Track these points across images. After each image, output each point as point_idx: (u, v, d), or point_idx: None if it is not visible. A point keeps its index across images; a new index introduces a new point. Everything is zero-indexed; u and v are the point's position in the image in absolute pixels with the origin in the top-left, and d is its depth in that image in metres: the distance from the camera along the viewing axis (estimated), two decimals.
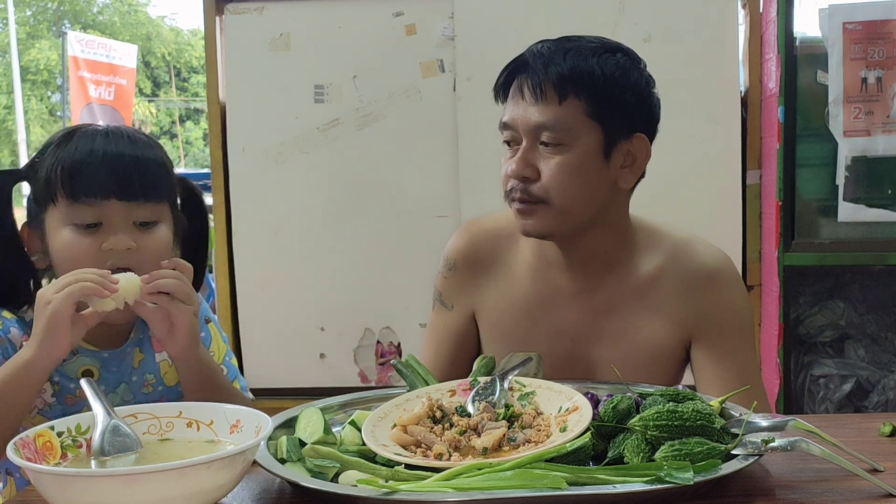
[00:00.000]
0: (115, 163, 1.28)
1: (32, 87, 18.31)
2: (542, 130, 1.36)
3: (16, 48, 15.22)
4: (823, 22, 2.48)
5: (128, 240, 1.28)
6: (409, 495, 0.95)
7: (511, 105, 1.40)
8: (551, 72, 1.35)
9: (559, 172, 1.36)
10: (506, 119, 1.41)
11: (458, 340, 1.56)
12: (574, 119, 1.36)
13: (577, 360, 1.47)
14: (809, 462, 1.10)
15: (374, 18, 2.75)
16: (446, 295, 1.57)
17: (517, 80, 1.40)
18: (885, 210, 2.50)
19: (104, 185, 1.27)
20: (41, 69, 18.05)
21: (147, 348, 1.43)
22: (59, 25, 18.63)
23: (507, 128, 1.41)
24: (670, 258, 1.47)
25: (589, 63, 1.36)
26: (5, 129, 17.72)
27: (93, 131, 1.32)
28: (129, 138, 1.32)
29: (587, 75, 1.36)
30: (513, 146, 1.41)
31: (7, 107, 17.40)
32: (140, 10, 20.54)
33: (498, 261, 1.53)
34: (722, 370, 1.43)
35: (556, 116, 1.35)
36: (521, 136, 1.38)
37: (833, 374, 2.62)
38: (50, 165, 1.29)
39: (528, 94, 1.37)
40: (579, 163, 1.36)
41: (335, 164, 2.79)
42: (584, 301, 1.47)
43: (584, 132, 1.36)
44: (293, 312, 2.83)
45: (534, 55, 1.39)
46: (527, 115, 1.37)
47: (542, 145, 1.37)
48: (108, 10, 20.36)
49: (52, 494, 0.93)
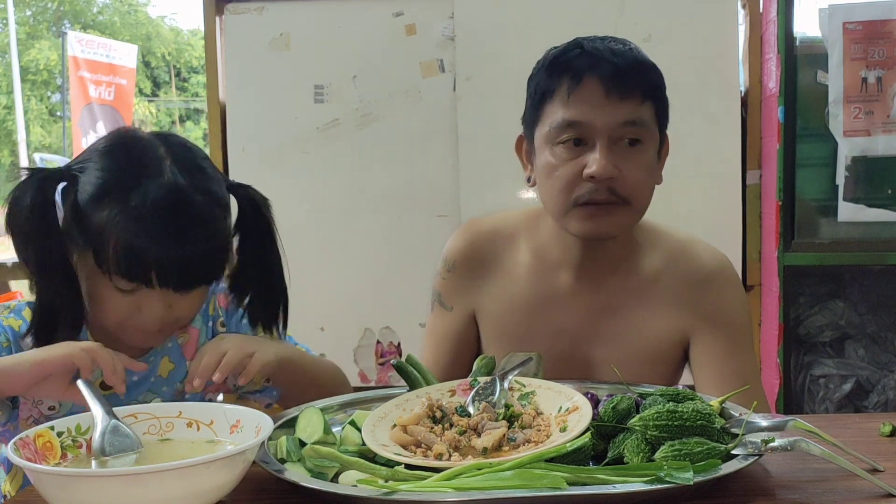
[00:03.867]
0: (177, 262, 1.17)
1: (32, 87, 18.30)
2: (627, 128, 1.34)
3: (16, 48, 15.21)
4: (823, 22, 2.48)
5: (162, 311, 1.22)
6: (409, 495, 0.95)
7: (580, 102, 1.34)
8: (632, 71, 1.34)
9: (641, 171, 1.36)
10: (577, 118, 1.34)
11: (457, 341, 1.55)
12: (648, 117, 1.37)
13: (576, 359, 1.47)
14: (809, 462, 1.10)
15: (374, 18, 2.76)
16: (445, 296, 1.57)
17: (589, 78, 1.33)
18: (885, 210, 2.50)
19: (161, 280, 1.18)
20: (41, 69, 18.04)
21: (176, 357, 1.38)
22: (58, 25, 18.63)
23: (576, 127, 1.34)
24: (670, 259, 1.48)
25: (652, 64, 1.39)
26: (5, 129, 17.70)
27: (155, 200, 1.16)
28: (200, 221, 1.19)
29: (657, 77, 1.39)
30: (578, 146, 1.35)
31: (7, 107, 17.39)
32: (140, 10, 20.53)
33: (497, 261, 1.52)
34: (721, 370, 1.43)
35: (641, 115, 1.35)
36: (597, 136, 1.34)
37: (833, 374, 2.62)
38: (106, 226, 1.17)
39: (613, 92, 1.33)
40: (651, 162, 1.39)
41: (335, 164, 2.79)
42: (585, 301, 1.47)
43: (653, 131, 1.39)
44: (293, 312, 2.82)
45: (602, 53, 1.34)
46: (611, 113, 1.33)
47: (619, 145, 1.35)
48: (108, 10, 20.35)
49: (52, 494, 0.93)
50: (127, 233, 1.16)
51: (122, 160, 1.22)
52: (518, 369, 1.31)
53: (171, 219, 1.17)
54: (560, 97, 1.35)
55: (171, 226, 1.17)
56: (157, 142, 1.25)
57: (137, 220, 1.16)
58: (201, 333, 1.41)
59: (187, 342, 1.39)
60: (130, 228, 1.16)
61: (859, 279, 2.67)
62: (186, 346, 1.39)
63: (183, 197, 1.19)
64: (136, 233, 1.16)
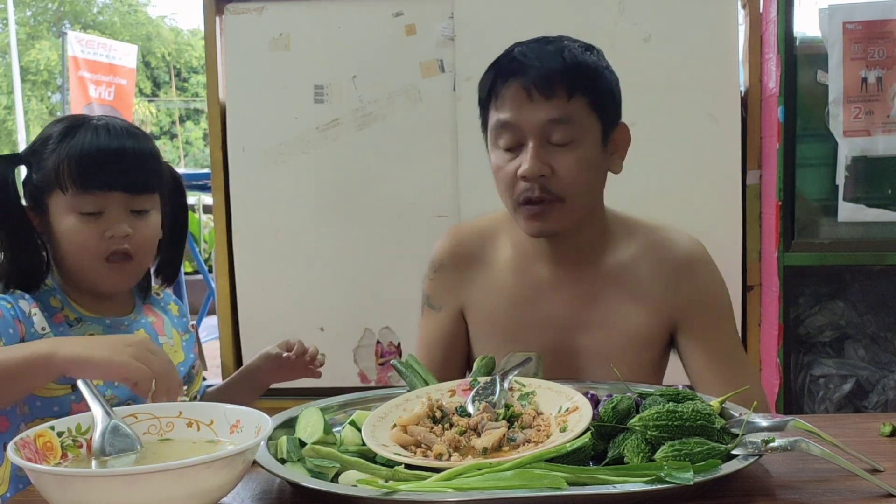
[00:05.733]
0: (120, 158, 1.41)
1: (32, 87, 18.30)
2: (553, 127, 1.37)
3: (16, 48, 15.20)
4: (823, 22, 2.48)
5: (126, 227, 1.42)
6: (409, 495, 0.95)
7: (510, 106, 1.40)
8: (556, 69, 1.37)
9: (575, 168, 1.38)
10: (509, 119, 1.40)
11: (448, 341, 1.58)
12: (581, 114, 1.38)
13: (563, 349, 1.49)
14: (809, 462, 1.10)
15: (374, 18, 2.76)
16: (433, 297, 1.60)
17: (514, 82, 1.39)
18: (885, 210, 2.50)
19: (111, 178, 1.40)
20: (41, 69, 18.03)
21: (150, 329, 1.54)
22: (59, 26, 18.61)
23: (509, 129, 1.40)
24: (646, 247, 1.51)
25: (586, 59, 1.40)
26: (5, 129, 17.70)
27: (96, 126, 1.43)
28: (128, 133, 1.44)
29: (587, 70, 1.39)
30: (514, 149, 1.41)
31: (7, 107, 17.39)
32: (140, 10, 20.52)
33: (482, 258, 1.57)
34: (709, 350, 1.47)
35: (567, 113, 1.37)
36: (528, 136, 1.39)
37: (833, 374, 2.62)
38: (59, 156, 1.40)
39: (535, 94, 1.37)
40: (589, 156, 1.40)
41: (335, 164, 2.79)
42: (566, 291, 1.50)
43: (589, 126, 1.40)
44: (293, 312, 2.83)
45: (525, 56, 1.40)
46: (536, 114, 1.38)
47: (550, 144, 1.38)
48: (108, 10, 20.34)
49: (52, 494, 0.93)
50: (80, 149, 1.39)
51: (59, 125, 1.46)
52: (518, 369, 1.31)
53: (111, 131, 1.42)
54: (494, 101, 1.43)
55: (111, 134, 1.42)
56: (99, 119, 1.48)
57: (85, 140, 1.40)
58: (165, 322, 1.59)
59: (155, 322, 1.56)
60: (80, 145, 1.40)
61: (859, 279, 2.66)
62: (156, 325, 1.55)
63: (117, 122, 1.47)
64: (86, 145, 1.40)
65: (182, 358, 1.57)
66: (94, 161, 1.39)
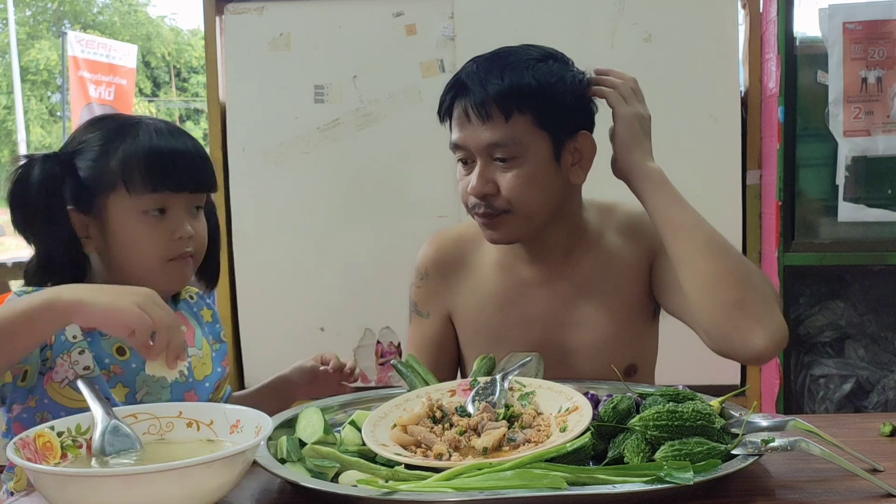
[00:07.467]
0: (188, 158, 1.41)
1: (32, 87, 18.31)
2: (494, 148, 1.39)
3: (16, 48, 15.22)
4: (823, 22, 2.48)
5: (190, 228, 1.40)
6: (409, 495, 0.95)
7: (458, 127, 1.42)
8: (492, 92, 1.37)
9: (518, 184, 1.39)
10: (456, 141, 1.43)
11: (436, 347, 1.61)
12: (523, 133, 1.38)
13: (551, 346, 1.50)
14: (809, 462, 1.10)
15: (374, 18, 2.76)
16: (421, 303, 1.63)
17: (459, 103, 1.41)
18: (885, 210, 2.50)
19: (182, 178, 1.39)
20: (41, 69, 18.04)
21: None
22: (59, 25, 18.62)
23: (459, 148, 1.43)
24: (617, 225, 1.53)
25: (526, 77, 1.38)
26: (5, 129, 17.72)
27: (156, 126, 1.42)
28: (184, 133, 1.45)
29: (527, 90, 1.38)
30: (469, 164, 1.44)
31: (7, 107, 17.40)
32: (140, 10, 20.53)
33: (466, 262, 1.59)
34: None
35: (505, 134, 1.38)
36: (475, 154, 1.41)
37: (833, 374, 2.62)
38: (124, 155, 1.37)
39: (473, 117, 1.39)
40: (534, 171, 1.40)
41: (335, 164, 2.79)
42: (549, 289, 1.52)
43: (533, 143, 1.39)
44: (293, 313, 2.83)
45: (470, 76, 1.40)
46: (477, 136, 1.39)
47: (496, 161, 1.40)
48: (108, 10, 20.36)
49: (52, 494, 0.93)
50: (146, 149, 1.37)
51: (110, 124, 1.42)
52: (518, 369, 1.31)
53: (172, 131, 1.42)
54: (448, 120, 1.46)
55: (173, 135, 1.41)
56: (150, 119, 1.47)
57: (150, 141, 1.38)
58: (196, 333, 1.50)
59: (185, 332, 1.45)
60: (145, 146, 1.37)
61: (859, 279, 2.66)
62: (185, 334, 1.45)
63: (168, 123, 1.46)
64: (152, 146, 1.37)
65: (209, 371, 1.47)
66: (168, 161, 1.38)
